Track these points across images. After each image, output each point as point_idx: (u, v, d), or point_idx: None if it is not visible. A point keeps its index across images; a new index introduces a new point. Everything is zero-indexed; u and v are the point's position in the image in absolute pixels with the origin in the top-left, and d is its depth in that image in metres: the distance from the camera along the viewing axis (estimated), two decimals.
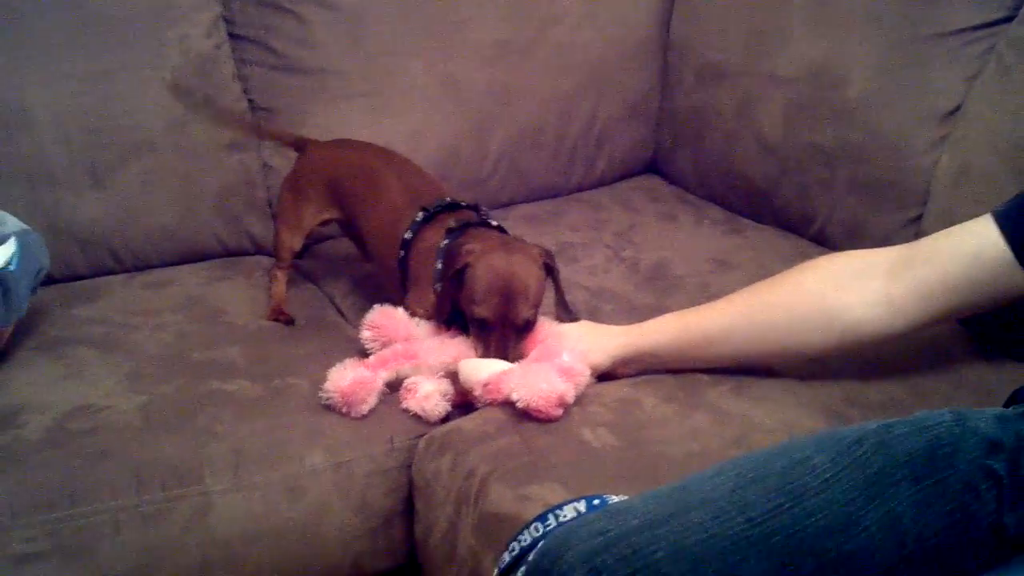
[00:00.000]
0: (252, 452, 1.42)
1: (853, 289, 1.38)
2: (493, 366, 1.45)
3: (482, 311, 1.47)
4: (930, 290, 1.34)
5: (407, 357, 1.52)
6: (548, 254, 1.53)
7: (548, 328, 1.52)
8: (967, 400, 1.39)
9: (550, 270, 1.53)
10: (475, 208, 1.66)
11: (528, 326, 1.50)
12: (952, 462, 1.05)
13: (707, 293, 1.79)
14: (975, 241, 1.32)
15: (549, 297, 1.54)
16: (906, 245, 1.41)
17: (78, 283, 1.86)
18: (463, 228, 1.58)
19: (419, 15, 2.10)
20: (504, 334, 1.48)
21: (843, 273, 1.41)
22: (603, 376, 1.49)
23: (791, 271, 1.45)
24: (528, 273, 1.48)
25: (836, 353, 1.43)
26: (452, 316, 1.55)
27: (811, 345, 1.42)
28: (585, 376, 1.43)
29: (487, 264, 1.48)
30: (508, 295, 1.46)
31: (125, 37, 1.88)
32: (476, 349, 1.51)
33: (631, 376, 1.49)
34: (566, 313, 1.58)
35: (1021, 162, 1.56)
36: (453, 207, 1.65)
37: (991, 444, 1.07)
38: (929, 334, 1.45)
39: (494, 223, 1.62)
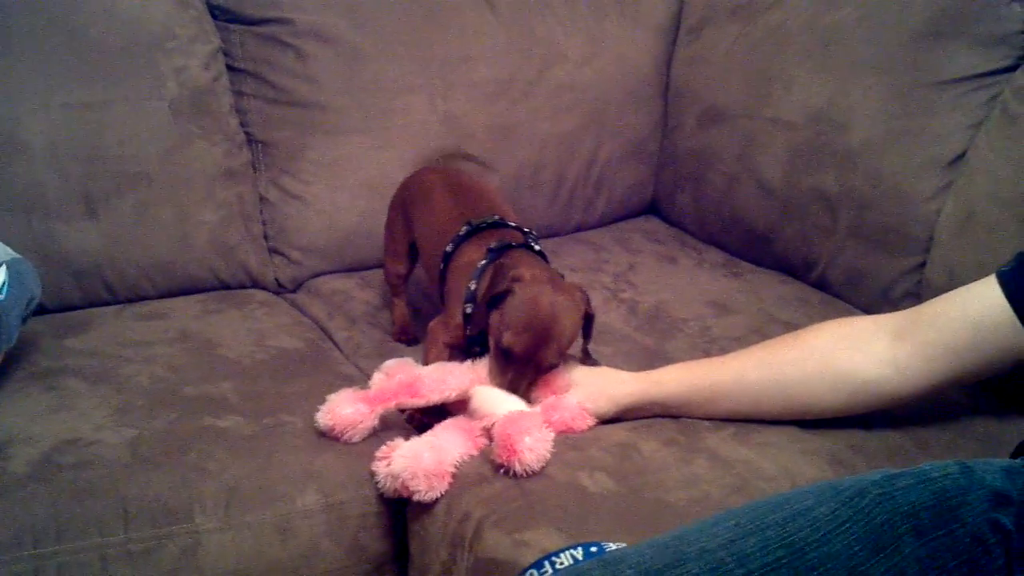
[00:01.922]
0: (243, 490, 1.39)
1: (861, 350, 1.37)
2: (510, 403, 1.42)
3: (513, 343, 1.42)
4: (935, 353, 1.33)
5: (409, 392, 1.49)
6: (588, 300, 1.49)
7: (566, 376, 1.48)
8: (972, 450, 1.37)
9: (588, 317, 1.49)
10: (522, 230, 1.63)
11: (551, 369, 1.46)
12: (959, 515, 1.03)
13: (707, 337, 1.79)
14: (979, 305, 1.31)
15: None
16: (913, 309, 1.40)
17: (70, 313, 1.83)
18: (504, 249, 1.55)
19: (420, 52, 2.09)
20: (524, 371, 1.44)
21: (852, 335, 1.41)
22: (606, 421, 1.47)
23: (801, 331, 1.45)
24: (568, 317, 1.44)
25: (844, 413, 1.42)
26: (475, 339, 1.51)
27: (820, 404, 1.41)
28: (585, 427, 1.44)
29: (532, 296, 1.43)
30: (544, 335, 1.42)
31: (122, 67, 1.87)
32: (493, 378, 1.46)
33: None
34: (588, 359, 1.55)
35: None
36: (499, 225, 1.62)
37: (999, 497, 1.05)
38: None
39: (537, 248, 1.59)
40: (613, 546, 1.13)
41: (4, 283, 1.52)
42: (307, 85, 2.02)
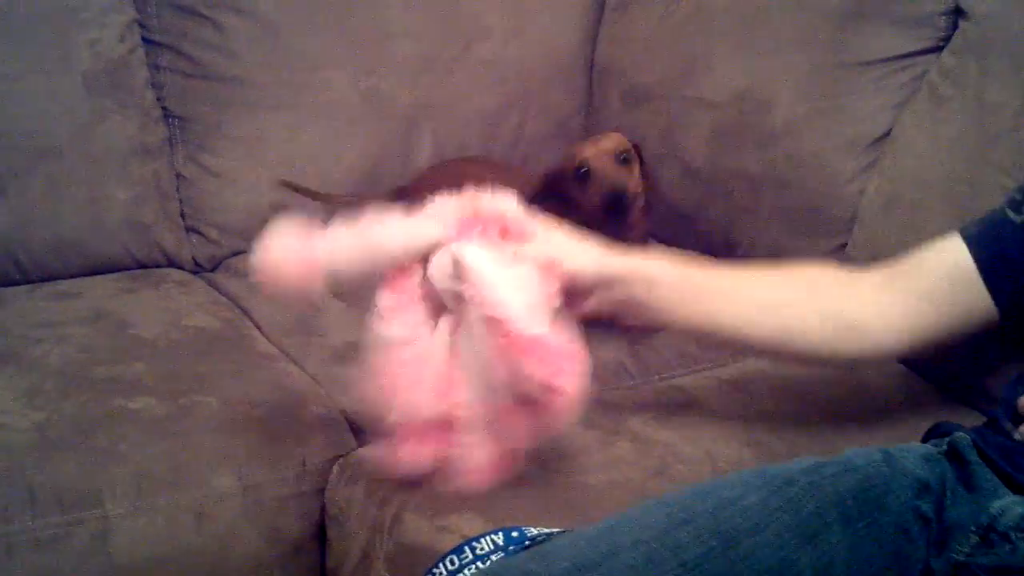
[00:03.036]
0: (156, 474, 1.36)
1: (849, 293, 1.32)
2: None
3: None
4: (915, 304, 1.28)
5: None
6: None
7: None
8: (886, 434, 1.37)
9: None
10: None
11: None
12: (883, 503, 1.04)
13: None
14: (950, 260, 1.28)
15: None
16: (891, 263, 1.33)
17: None
18: None
19: (341, 27, 2.06)
20: None
21: (841, 278, 1.35)
22: (572, 298, 1.24)
23: (792, 266, 1.38)
24: None
25: (828, 354, 1.32)
26: None
27: (807, 335, 1.30)
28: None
29: None
30: None
31: (33, 38, 1.82)
32: None
33: (593, 313, 1.29)
34: None
35: (955, 193, 1.56)
36: None
37: (921, 485, 1.06)
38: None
39: None
40: (534, 531, 1.12)
41: None
42: (225, 59, 1.97)
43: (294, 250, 1.19)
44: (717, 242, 2.00)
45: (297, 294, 1.23)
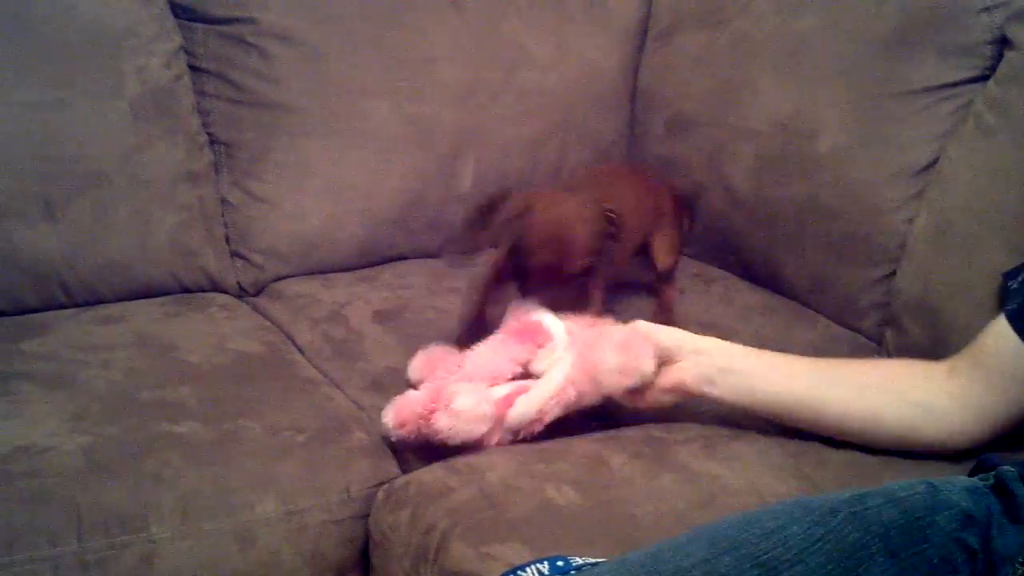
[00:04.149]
0: (201, 498, 1.36)
1: (923, 380, 1.39)
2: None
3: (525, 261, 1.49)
4: (986, 387, 1.34)
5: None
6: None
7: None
8: (934, 465, 1.36)
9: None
10: None
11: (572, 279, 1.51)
12: (928, 535, 1.03)
13: None
14: (1000, 345, 1.33)
15: None
16: (962, 351, 1.39)
17: (26, 317, 1.79)
18: None
19: (385, 54, 2.07)
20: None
21: (914, 366, 1.43)
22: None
23: (864, 359, 1.52)
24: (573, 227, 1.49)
25: (899, 441, 1.39)
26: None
27: (880, 425, 1.39)
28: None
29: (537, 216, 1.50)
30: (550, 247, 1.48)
31: (81, 65, 1.83)
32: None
33: (652, 408, 1.48)
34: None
35: (1008, 226, 1.55)
36: None
37: (965, 517, 1.05)
38: None
39: None
40: (579, 560, 1.11)
41: None
42: (271, 86, 1.99)
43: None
44: (761, 270, 2.00)
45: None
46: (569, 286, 1.50)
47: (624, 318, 1.52)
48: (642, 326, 1.47)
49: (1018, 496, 1.09)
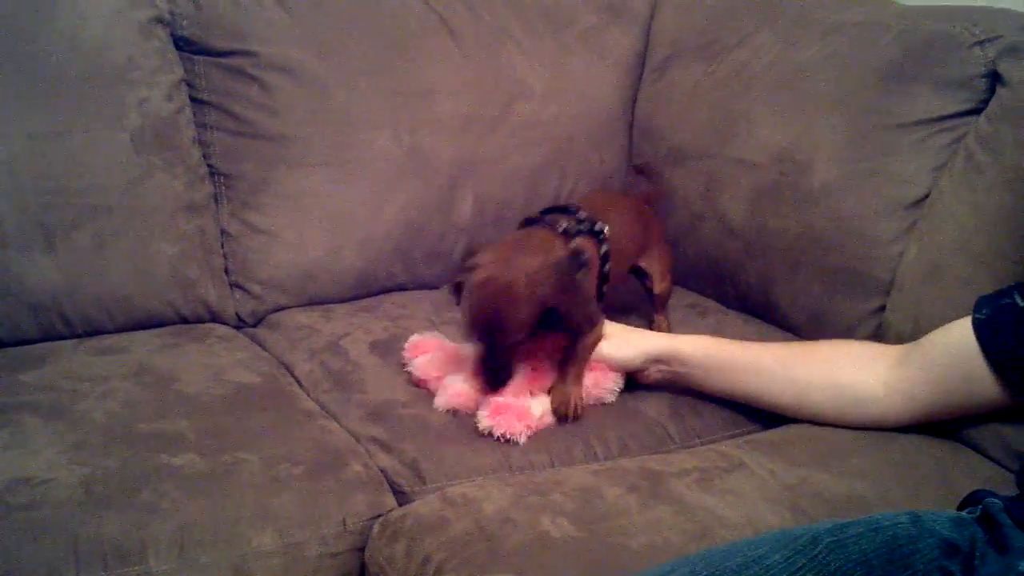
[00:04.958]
0: (198, 531, 1.37)
1: (863, 369, 1.53)
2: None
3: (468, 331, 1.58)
4: (922, 387, 1.47)
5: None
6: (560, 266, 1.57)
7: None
8: (931, 502, 1.36)
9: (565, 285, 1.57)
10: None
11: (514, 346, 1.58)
12: (909, 563, 1.05)
13: None
14: (959, 347, 1.41)
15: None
16: (916, 341, 1.51)
17: (26, 347, 1.79)
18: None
19: (384, 86, 2.08)
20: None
21: (861, 353, 1.57)
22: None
23: (820, 341, 1.67)
24: (509, 304, 1.52)
25: (834, 421, 1.55)
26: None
27: (816, 407, 1.56)
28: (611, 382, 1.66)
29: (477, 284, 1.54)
30: (486, 321, 1.54)
31: (83, 97, 1.84)
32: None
33: (654, 382, 1.69)
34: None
35: (998, 267, 1.56)
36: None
37: (948, 545, 1.07)
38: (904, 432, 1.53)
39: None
40: None
41: None
42: (271, 118, 2.00)
43: None
44: (756, 301, 2.00)
45: None
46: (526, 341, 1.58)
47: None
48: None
49: (1004, 527, 1.11)
